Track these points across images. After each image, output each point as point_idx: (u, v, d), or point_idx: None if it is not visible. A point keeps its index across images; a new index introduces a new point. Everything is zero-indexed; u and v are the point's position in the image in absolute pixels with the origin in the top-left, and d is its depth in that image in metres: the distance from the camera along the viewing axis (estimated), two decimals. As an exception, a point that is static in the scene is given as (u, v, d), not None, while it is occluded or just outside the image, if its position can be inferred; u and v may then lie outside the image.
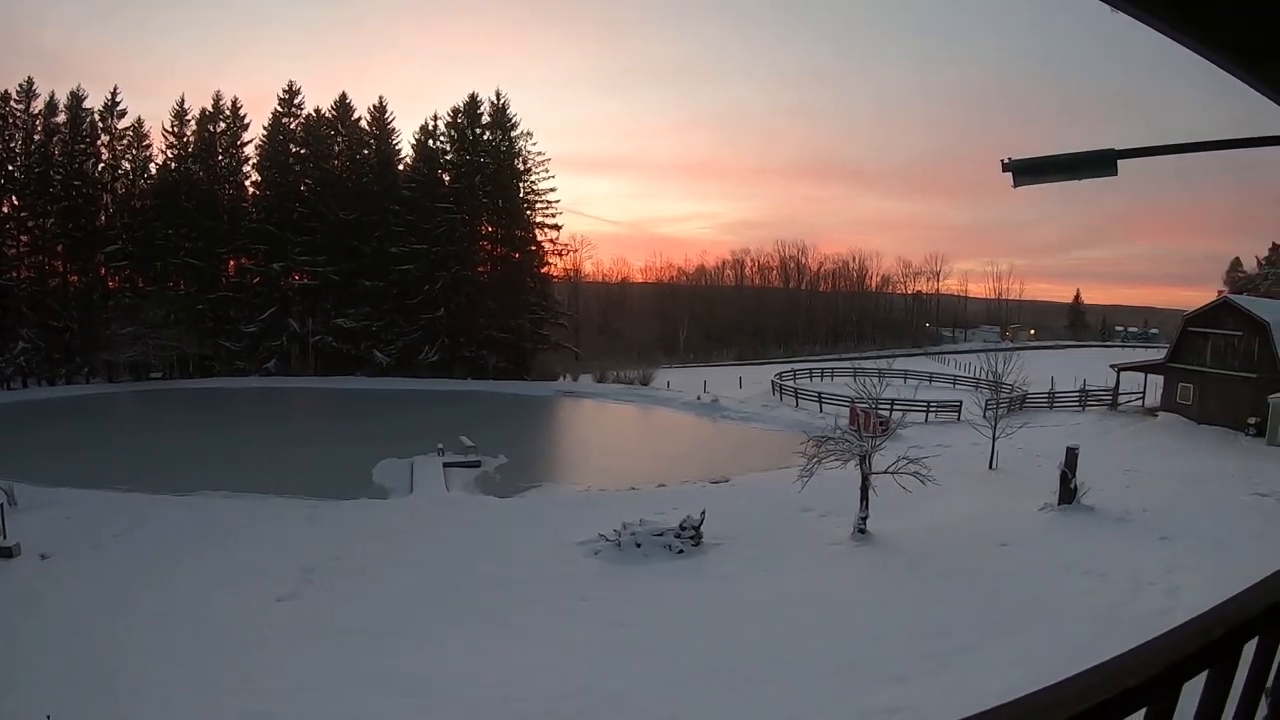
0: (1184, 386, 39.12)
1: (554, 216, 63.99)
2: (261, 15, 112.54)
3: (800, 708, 10.88)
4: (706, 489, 26.77)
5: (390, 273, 58.65)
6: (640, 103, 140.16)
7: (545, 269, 66.23)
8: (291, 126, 61.62)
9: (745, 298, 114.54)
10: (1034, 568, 16.59)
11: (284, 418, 44.92)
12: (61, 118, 54.92)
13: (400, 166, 62.96)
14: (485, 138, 62.15)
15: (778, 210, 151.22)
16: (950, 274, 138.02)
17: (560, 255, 68.44)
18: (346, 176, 61.51)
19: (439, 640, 13.85)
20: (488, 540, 20.48)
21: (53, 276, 55.96)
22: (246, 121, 61.06)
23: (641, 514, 19.98)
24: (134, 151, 58.14)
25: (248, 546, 19.32)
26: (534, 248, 64.07)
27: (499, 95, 62.18)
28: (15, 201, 53.83)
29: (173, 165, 58.81)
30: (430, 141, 62.35)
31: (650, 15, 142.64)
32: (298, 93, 61.58)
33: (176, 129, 59.06)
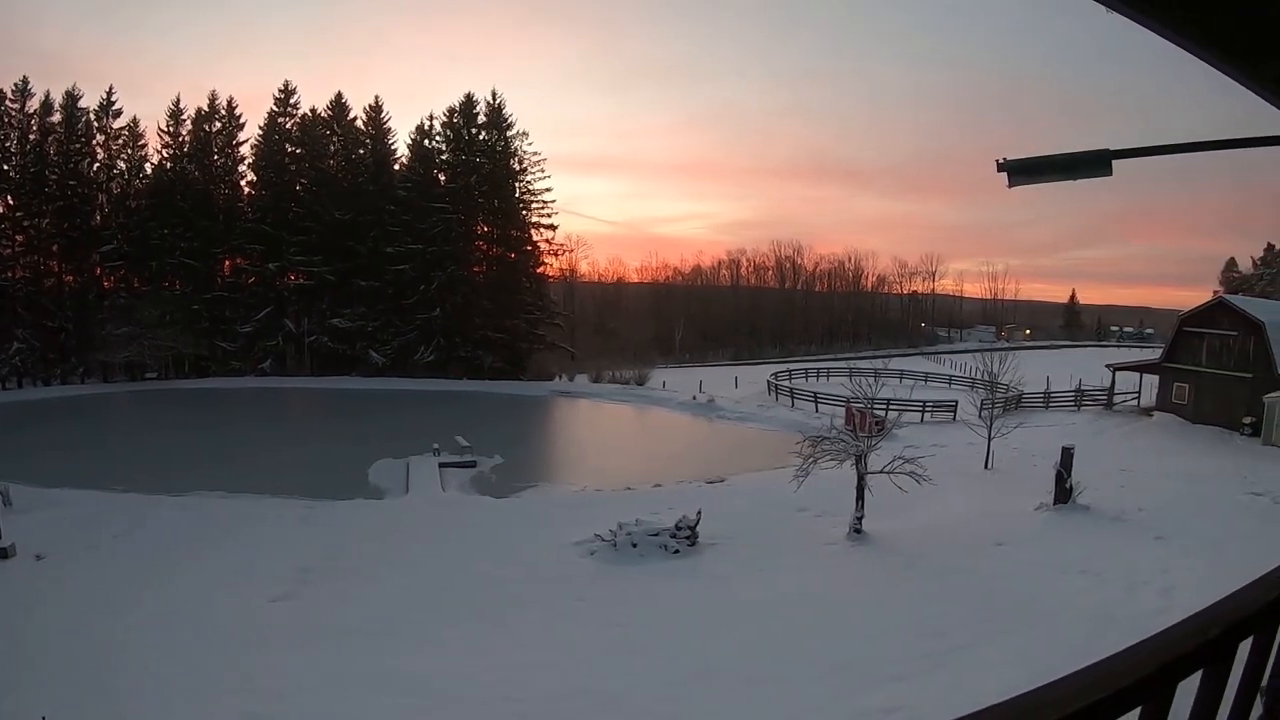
0: (1179, 386, 39.21)
1: (549, 216, 64.08)
2: (257, 15, 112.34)
3: (798, 708, 10.88)
4: (702, 489, 26.75)
5: (386, 273, 58.63)
6: (636, 103, 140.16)
7: (541, 269, 66.16)
8: (287, 126, 61.51)
9: (741, 298, 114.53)
10: (1030, 567, 16.62)
11: (279, 418, 44.83)
12: (57, 117, 54.72)
13: (396, 166, 62.92)
14: (481, 138, 62.07)
15: (773, 210, 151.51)
16: (946, 274, 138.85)
17: (556, 255, 68.54)
18: (342, 176, 61.39)
19: (436, 640, 13.82)
20: (483, 540, 20.45)
21: (48, 276, 55.76)
22: (242, 121, 61.04)
23: (637, 514, 19.94)
24: (129, 151, 57.98)
25: (244, 547, 19.28)
26: (530, 248, 63.99)
27: (495, 95, 62.19)
28: (10, 201, 53.62)
29: (168, 165, 58.67)
30: (426, 141, 62.25)
31: (646, 16, 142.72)
32: (293, 92, 61.59)
33: (172, 129, 58.95)
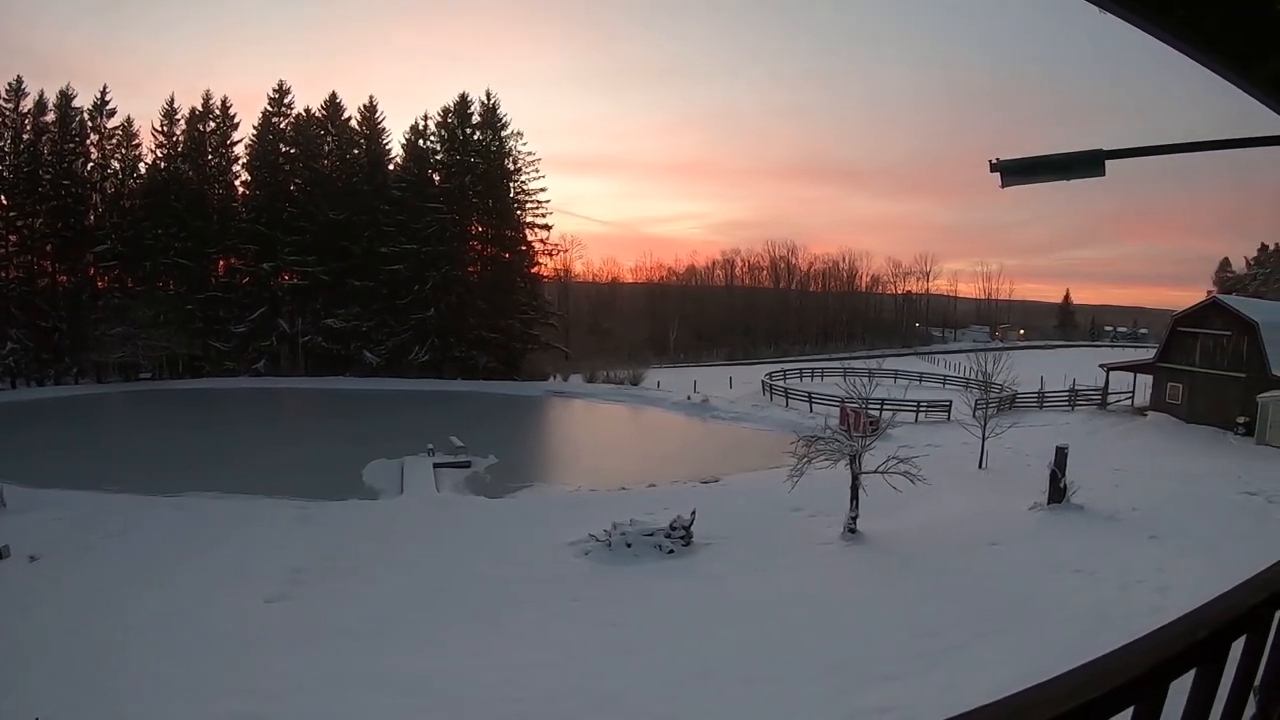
0: (1173, 386, 39.34)
1: (544, 216, 64.07)
2: (252, 15, 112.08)
3: (793, 707, 10.89)
4: (697, 489, 26.74)
5: (380, 273, 58.60)
6: (631, 103, 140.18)
7: (535, 269, 66.17)
8: (281, 126, 61.52)
9: (735, 298, 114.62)
10: (1024, 567, 16.63)
11: (273, 418, 44.69)
12: (51, 116, 54.61)
13: (390, 166, 62.92)
14: (475, 138, 62.03)
15: (768, 210, 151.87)
16: (940, 274, 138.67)
17: (550, 255, 68.46)
18: (336, 176, 61.40)
19: (433, 640, 13.78)
20: (478, 541, 20.41)
21: (41, 276, 55.58)
22: (236, 121, 61.06)
23: (632, 514, 19.90)
24: (123, 151, 57.88)
25: (239, 547, 19.21)
26: (524, 248, 63.97)
27: (489, 95, 62.18)
28: (4, 201, 53.53)
29: (162, 165, 58.58)
30: (420, 141, 62.23)
31: (641, 16, 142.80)
32: (288, 92, 61.63)
33: (166, 128, 58.97)
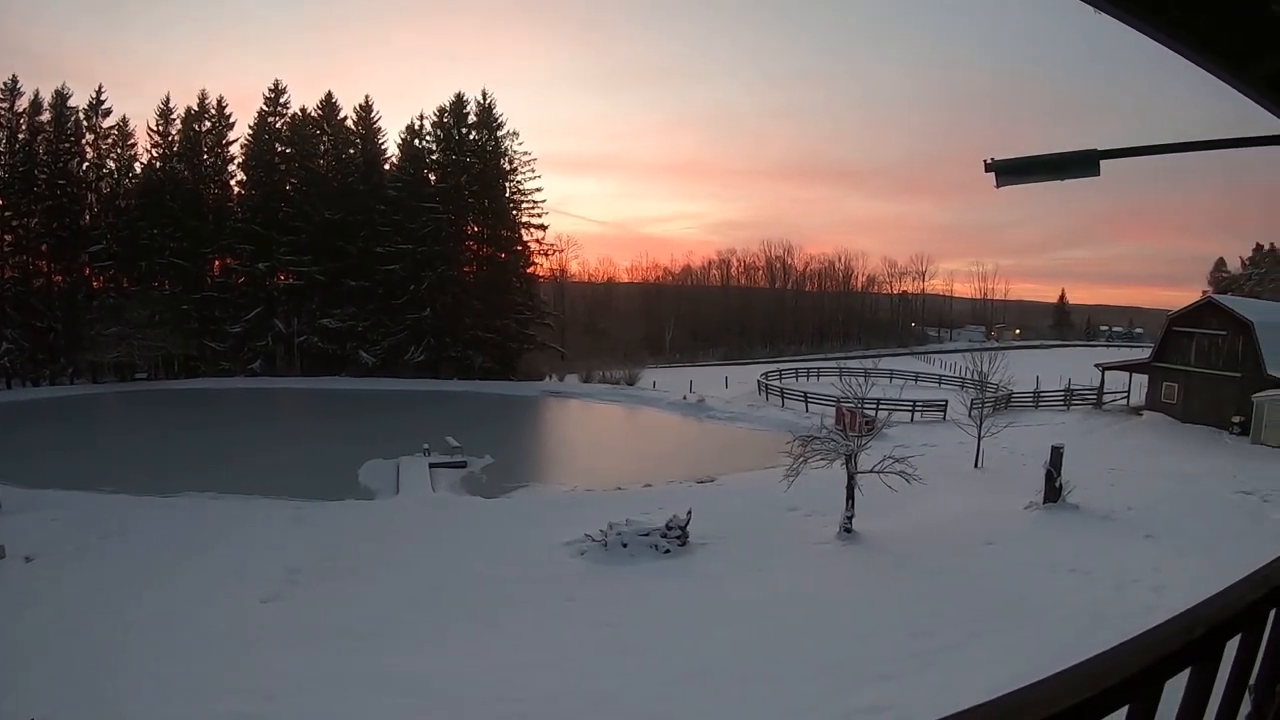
0: (1168, 386, 39.39)
1: (540, 216, 64.23)
2: (247, 14, 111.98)
3: (789, 707, 10.88)
4: (693, 489, 26.76)
5: (376, 273, 58.54)
6: (627, 103, 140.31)
7: (531, 269, 66.26)
8: (277, 126, 61.46)
9: (731, 298, 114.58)
10: (1019, 566, 16.62)
11: (269, 418, 44.60)
12: (46, 116, 54.59)
13: (386, 166, 62.89)
14: (471, 137, 62.06)
15: (764, 211, 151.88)
16: (936, 274, 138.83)
17: (546, 255, 68.68)
18: (332, 176, 61.35)
19: (430, 640, 13.76)
20: (474, 541, 20.40)
21: (37, 276, 55.51)
22: (232, 121, 61.03)
23: (628, 514, 19.88)
24: (119, 151, 57.90)
25: (235, 548, 19.17)
26: (520, 248, 64.05)
27: (485, 95, 62.32)
28: (-1, 201, 53.41)
29: (158, 164, 58.59)
30: (416, 141, 62.24)
31: (638, 16, 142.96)
32: (283, 92, 61.59)
33: (161, 128, 58.93)
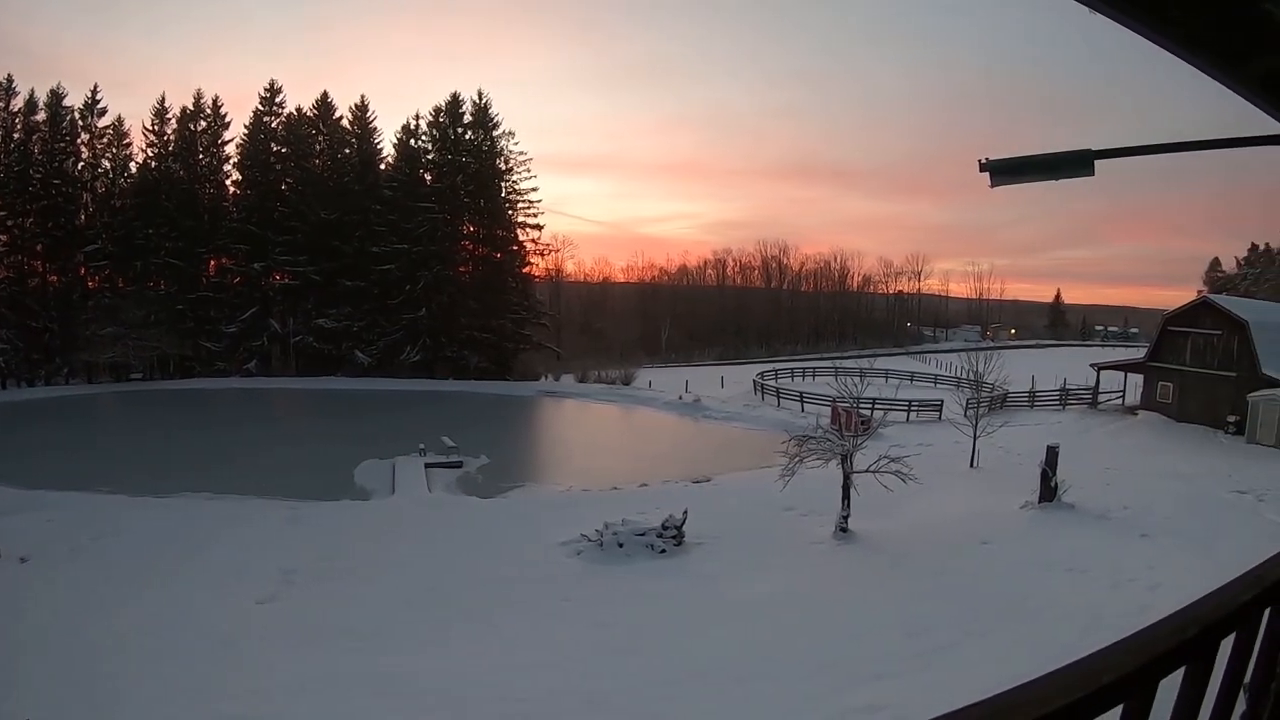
0: (1164, 385, 39.47)
1: (536, 216, 64.10)
2: (243, 14, 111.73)
3: (786, 706, 10.88)
4: (688, 488, 26.78)
5: (371, 273, 58.43)
6: (624, 103, 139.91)
7: (527, 269, 66.24)
8: (273, 125, 61.22)
9: (727, 297, 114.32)
10: (1015, 566, 16.66)
11: (265, 419, 44.46)
12: (41, 115, 54.41)
13: (382, 166, 62.71)
14: (467, 137, 61.96)
15: (760, 210, 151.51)
16: (931, 274, 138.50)
17: (542, 255, 68.57)
18: (328, 176, 61.16)
19: (426, 641, 13.75)
20: (470, 541, 20.41)
21: (32, 276, 55.32)
22: (227, 120, 60.81)
23: (624, 514, 19.91)
24: (114, 150, 57.67)
25: (230, 548, 19.15)
26: (516, 247, 63.98)
27: (481, 95, 62.15)
28: (-7, 200, 53.18)
29: (153, 164, 58.37)
30: (412, 141, 62.14)
31: (635, 15, 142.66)
32: (279, 91, 61.31)
33: (157, 127, 58.70)
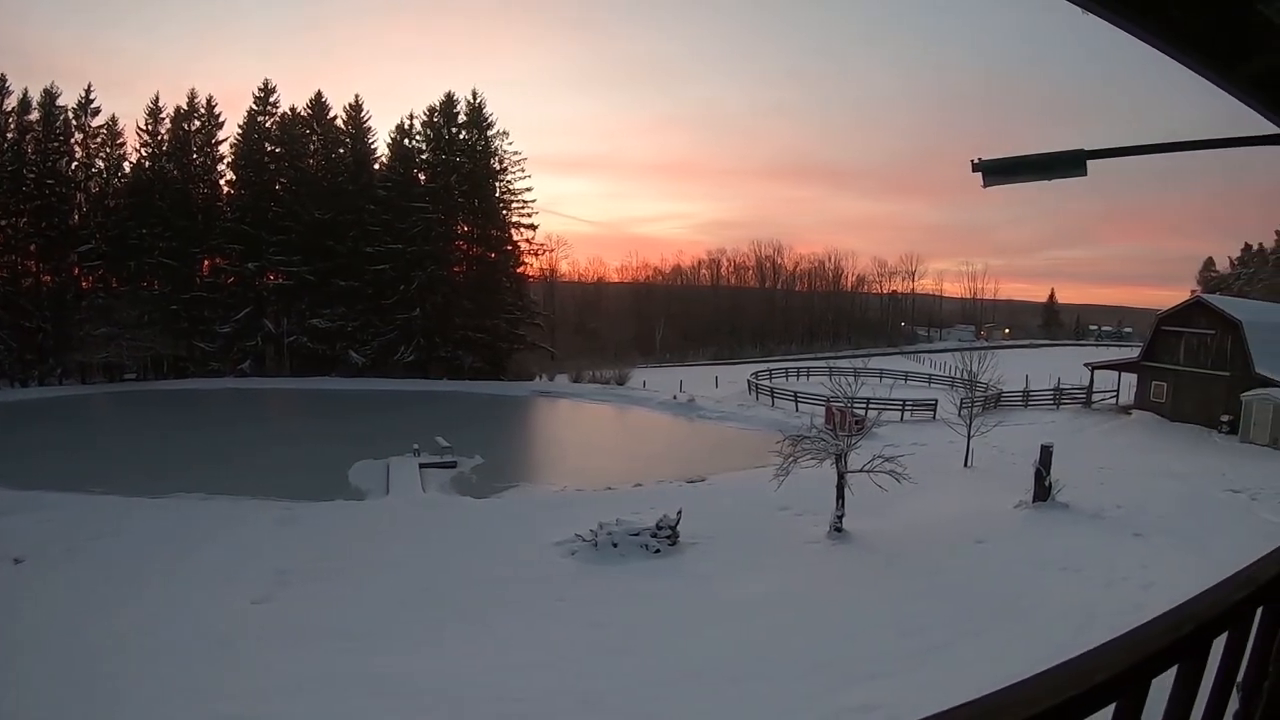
0: (1157, 385, 39.60)
1: (530, 216, 64.02)
2: (238, 14, 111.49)
3: (780, 706, 10.89)
4: (683, 488, 26.77)
5: (365, 273, 58.37)
6: (618, 102, 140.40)
7: (521, 269, 66.08)
8: (267, 125, 61.17)
9: (721, 297, 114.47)
10: (1009, 565, 16.68)
11: (259, 419, 44.38)
12: (35, 115, 54.18)
13: (376, 166, 62.72)
14: (461, 137, 61.93)
15: (754, 210, 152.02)
16: (926, 274, 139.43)
17: (536, 255, 68.41)
18: (322, 176, 61.14)
19: (421, 641, 13.71)
20: (464, 541, 20.36)
21: (25, 276, 55.07)
22: (221, 120, 60.71)
23: (618, 514, 19.89)
24: (108, 150, 57.46)
25: (225, 549, 19.07)
26: (510, 247, 63.89)
27: (475, 95, 62.15)
28: (-13, 200, 52.96)
29: (147, 164, 58.19)
30: (406, 141, 61.99)
31: (629, 15, 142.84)
32: (273, 91, 61.29)
33: (151, 127, 58.58)
